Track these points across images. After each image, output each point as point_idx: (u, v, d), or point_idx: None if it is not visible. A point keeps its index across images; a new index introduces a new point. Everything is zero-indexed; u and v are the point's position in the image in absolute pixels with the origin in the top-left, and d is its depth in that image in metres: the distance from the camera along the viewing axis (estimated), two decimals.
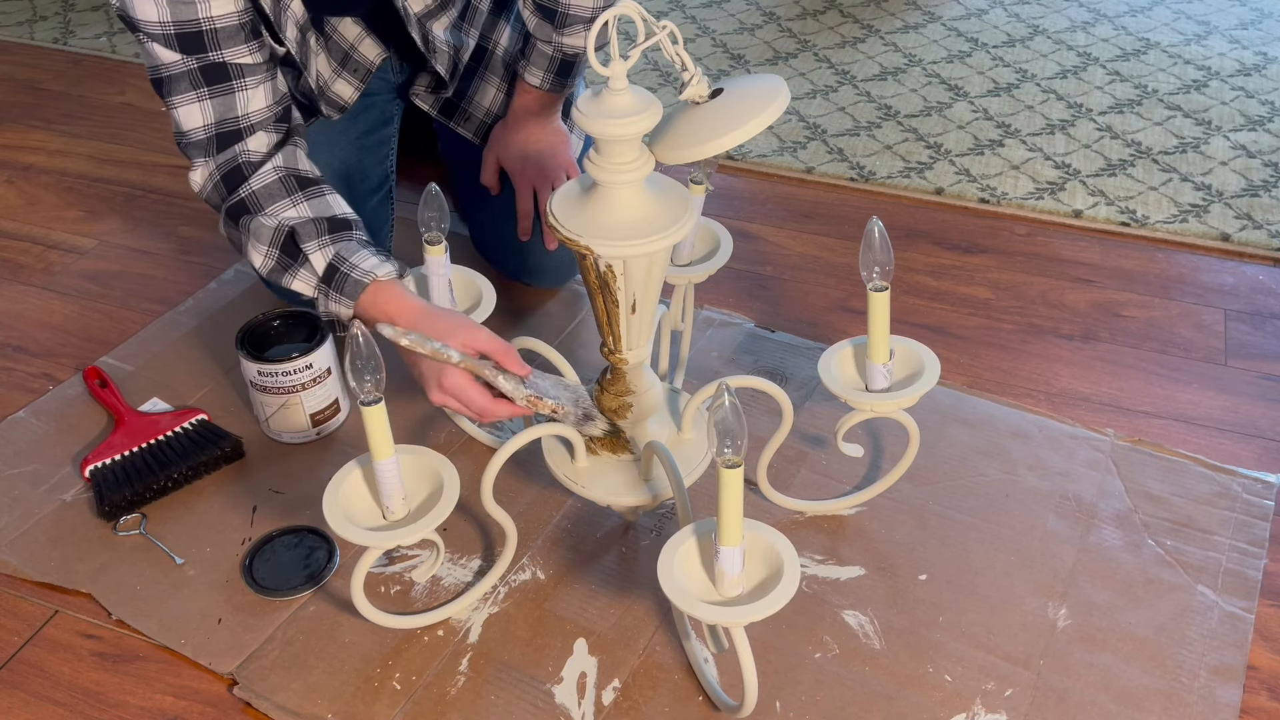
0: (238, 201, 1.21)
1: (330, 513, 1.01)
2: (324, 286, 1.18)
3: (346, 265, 1.16)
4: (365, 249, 1.18)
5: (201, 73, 1.18)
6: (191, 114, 1.20)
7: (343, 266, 1.16)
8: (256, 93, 1.20)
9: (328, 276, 1.18)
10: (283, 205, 1.20)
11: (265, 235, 1.20)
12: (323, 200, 1.21)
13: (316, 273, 1.18)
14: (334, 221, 1.20)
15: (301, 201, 1.20)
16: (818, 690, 1.05)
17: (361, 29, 1.39)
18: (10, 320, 1.56)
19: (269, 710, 1.05)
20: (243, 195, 1.21)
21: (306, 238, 1.18)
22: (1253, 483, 1.23)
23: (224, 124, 1.20)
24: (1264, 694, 1.04)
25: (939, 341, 1.44)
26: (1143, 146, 1.81)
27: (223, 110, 1.20)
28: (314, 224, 1.18)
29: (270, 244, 1.20)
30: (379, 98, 1.51)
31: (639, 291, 1.01)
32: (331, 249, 1.18)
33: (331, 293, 1.17)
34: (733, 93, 0.99)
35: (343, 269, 1.16)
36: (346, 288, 1.16)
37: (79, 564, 1.19)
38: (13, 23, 2.39)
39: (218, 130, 1.20)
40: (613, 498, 1.09)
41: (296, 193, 1.20)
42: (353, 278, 1.16)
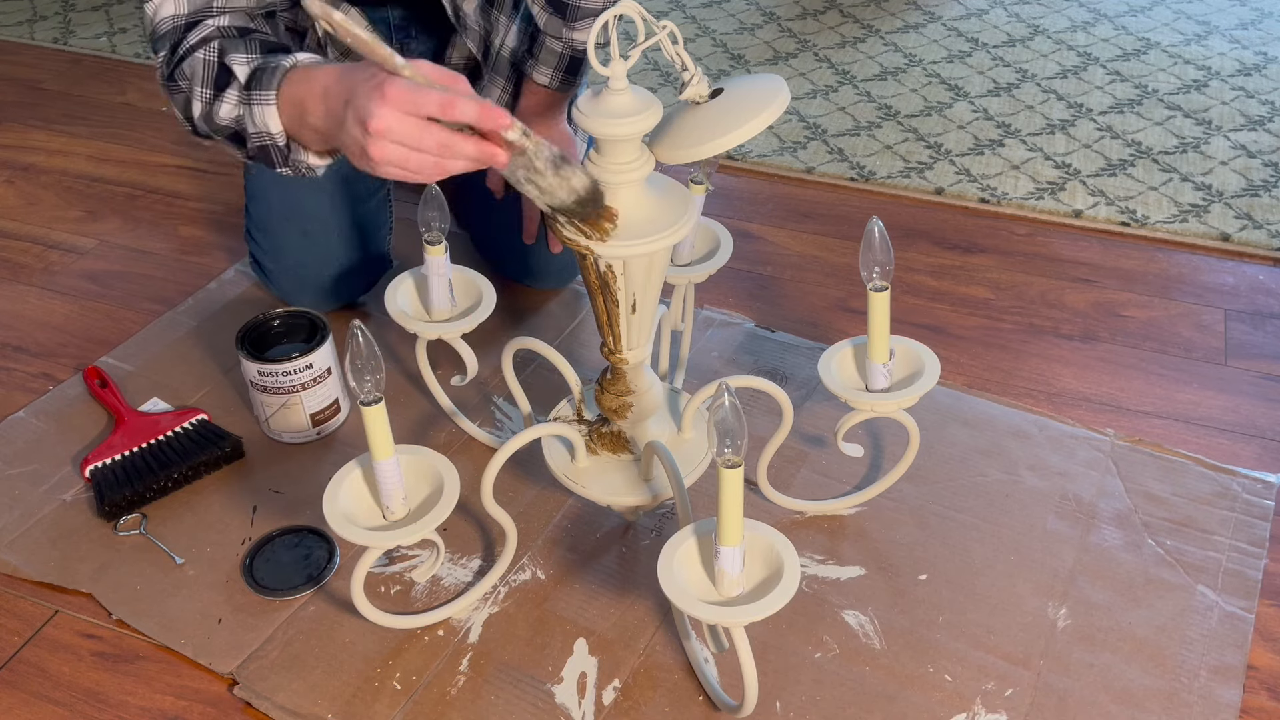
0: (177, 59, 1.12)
1: (330, 513, 1.01)
2: (245, 94, 1.05)
3: (272, 62, 1.04)
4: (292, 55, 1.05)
5: None
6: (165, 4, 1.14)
7: (267, 68, 1.04)
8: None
9: (250, 81, 1.05)
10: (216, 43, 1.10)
11: (199, 68, 1.09)
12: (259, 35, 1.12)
13: (240, 82, 1.06)
14: (268, 44, 1.09)
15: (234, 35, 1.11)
16: (818, 690, 1.05)
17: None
18: (10, 320, 1.56)
19: (269, 710, 1.05)
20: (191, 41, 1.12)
21: (236, 60, 1.06)
22: (1253, 482, 1.23)
23: (196, 14, 1.13)
24: (1264, 694, 1.04)
25: (939, 341, 1.44)
26: (1143, 146, 1.81)
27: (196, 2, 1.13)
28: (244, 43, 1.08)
29: (203, 84, 1.09)
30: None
31: (639, 291, 1.01)
32: (259, 59, 1.06)
33: (253, 96, 1.03)
34: (733, 93, 0.99)
35: (267, 69, 1.03)
36: (264, 79, 1.02)
37: (79, 564, 1.19)
38: (12, 23, 2.39)
39: (188, 19, 1.13)
40: (613, 498, 1.09)
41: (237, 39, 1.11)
42: (270, 67, 1.03)
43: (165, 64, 1.15)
